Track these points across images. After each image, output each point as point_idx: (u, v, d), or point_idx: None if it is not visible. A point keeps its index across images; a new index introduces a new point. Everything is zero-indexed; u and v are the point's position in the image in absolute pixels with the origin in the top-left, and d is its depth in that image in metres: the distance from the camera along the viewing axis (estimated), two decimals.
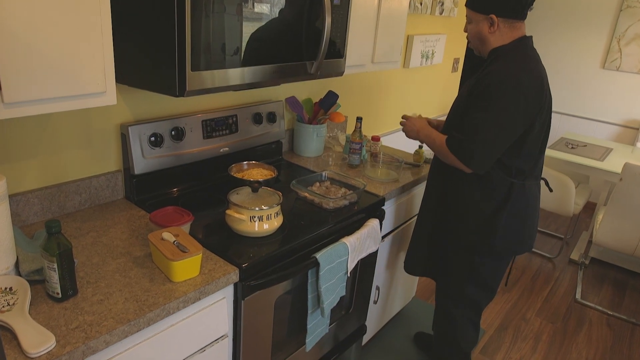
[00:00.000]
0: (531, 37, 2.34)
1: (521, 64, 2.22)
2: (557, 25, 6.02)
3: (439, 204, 2.57)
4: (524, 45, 2.29)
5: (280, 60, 2.14)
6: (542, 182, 4.60)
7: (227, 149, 2.60)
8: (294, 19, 2.15)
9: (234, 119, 2.62)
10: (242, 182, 2.15)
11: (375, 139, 3.15)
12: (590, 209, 6.02)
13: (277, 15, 2.05)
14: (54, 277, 1.54)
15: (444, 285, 2.73)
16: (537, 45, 6.12)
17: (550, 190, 2.78)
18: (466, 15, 2.39)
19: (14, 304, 1.51)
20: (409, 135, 2.63)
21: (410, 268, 2.88)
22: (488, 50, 2.35)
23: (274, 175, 2.22)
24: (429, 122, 2.74)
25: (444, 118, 5.09)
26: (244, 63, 1.96)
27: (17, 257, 1.70)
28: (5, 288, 1.56)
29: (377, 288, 3.07)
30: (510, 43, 2.29)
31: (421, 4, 4.11)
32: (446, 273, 2.66)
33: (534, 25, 6.14)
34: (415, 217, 3.14)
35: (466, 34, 2.45)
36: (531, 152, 2.32)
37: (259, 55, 2.03)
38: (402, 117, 2.71)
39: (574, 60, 6.01)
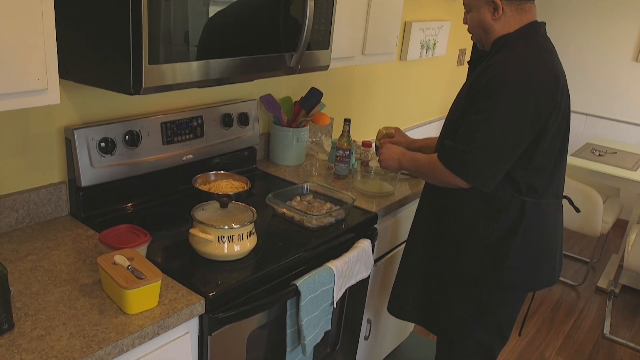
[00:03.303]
0: (544, 23, 2.30)
1: (530, 55, 2.19)
2: (580, 10, 6.10)
3: (433, 227, 2.53)
4: (534, 32, 2.25)
5: (254, 52, 2.17)
6: (565, 202, 4.47)
7: (190, 156, 2.62)
8: (270, 4, 2.18)
9: (199, 121, 2.65)
10: (209, 196, 2.17)
11: (367, 144, 3.18)
12: (621, 227, 6.08)
13: None
14: None
15: (444, 332, 2.63)
16: (557, 34, 6.17)
17: (577, 210, 2.70)
18: (464, 3, 2.36)
19: None
20: (389, 168, 2.63)
21: (396, 310, 2.79)
22: (492, 40, 2.31)
23: (246, 188, 2.23)
24: (406, 141, 2.78)
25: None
26: (211, 55, 1.99)
27: None
28: None
29: (369, 321, 3.10)
30: (517, 30, 2.24)
31: None
32: (446, 315, 2.57)
33: (552, 11, 6.21)
34: None
35: (466, 25, 2.40)
36: (543, 165, 2.27)
37: (228, 45, 2.05)
38: (377, 141, 2.71)
39: (601, 51, 6.08)
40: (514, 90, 2.12)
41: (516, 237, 2.31)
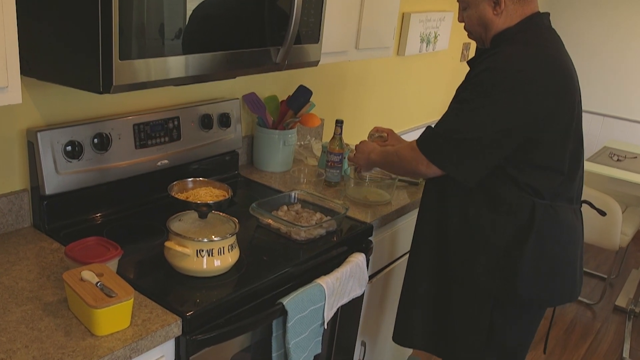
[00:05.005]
0: (547, 14, 2.34)
1: (531, 47, 2.23)
2: (596, 1, 6.10)
3: (437, 239, 2.52)
4: (535, 24, 2.29)
5: (236, 46, 2.18)
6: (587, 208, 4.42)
7: (166, 161, 2.63)
8: None
9: (176, 122, 2.66)
10: (186, 206, 2.18)
11: None
12: None
13: None
14: None
15: (455, 358, 2.63)
16: (570, 27, 6.19)
17: (602, 213, 2.71)
18: (459, 0, 2.39)
19: None
20: (358, 164, 2.69)
21: (402, 338, 2.78)
22: (492, 36, 2.34)
23: (227, 197, 2.24)
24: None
25: None
26: (189, 49, 2.00)
27: None
28: None
29: (363, 344, 3.10)
30: (518, 23, 2.29)
31: None
32: (457, 341, 2.56)
33: (564, 2, 6.22)
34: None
35: (462, 24, 2.44)
36: (549, 168, 2.28)
37: (208, 39, 2.07)
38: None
39: (620, 46, 6.10)
40: (504, 81, 2.17)
41: (529, 243, 2.31)
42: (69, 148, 2.28)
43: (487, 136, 2.19)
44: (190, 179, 2.31)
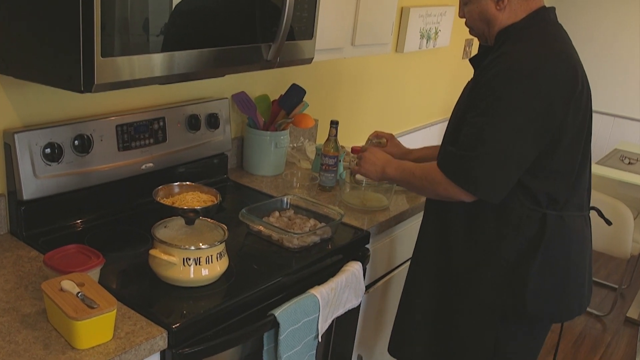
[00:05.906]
0: (553, 8, 2.33)
1: (540, 44, 2.21)
2: None
3: (439, 251, 2.51)
4: (542, 19, 2.28)
5: (226, 43, 2.19)
6: (594, 215, 4.40)
7: (151, 164, 2.63)
8: None
9: (161, 123, 2.66)
10: (172, 211, 2.18)
11: (357, 151, 3.18)
12: None
13: None
14: None
15: None
16: (578, 22, 6.20)
17: (609, 222, 2.70)
18: None
19: None
20: (368, 176, 2.65)
21: (399, 351, 2.78)
22: (496, 33, 2.33)
23: (216, 202, 2.24)
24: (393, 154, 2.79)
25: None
26: (175, 46, 2.01)
27: None
28: None
29: (360, 357, 3.11)
30: (523, 18, 2.26)
31: None
32: (458, 355, 2.55)
33: None
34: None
35: (464, 19, 2.42)
36: (563, 170, 2.27)
37: (195, 35, 2.07)
38: (359, 150, 2.73)
39: (630, 43, 6.10)
40: (521, 86, 2.14)
41: (537, 257, 2.30)
42: (48, 150, 2.27)
43: (513, 149, 2.16)
44: (176, 183, 2.31)
